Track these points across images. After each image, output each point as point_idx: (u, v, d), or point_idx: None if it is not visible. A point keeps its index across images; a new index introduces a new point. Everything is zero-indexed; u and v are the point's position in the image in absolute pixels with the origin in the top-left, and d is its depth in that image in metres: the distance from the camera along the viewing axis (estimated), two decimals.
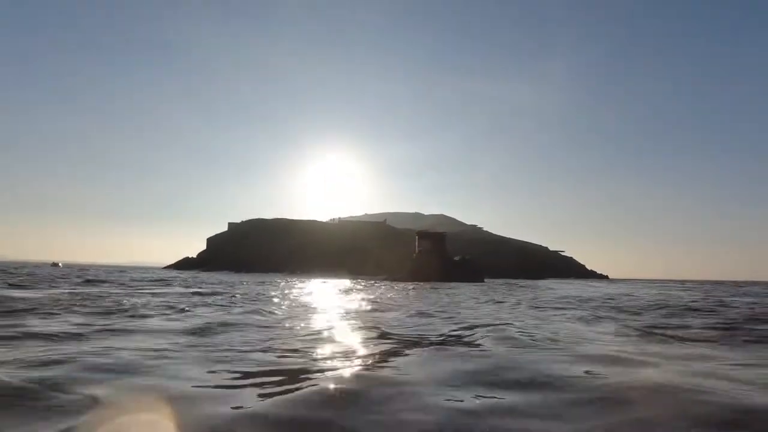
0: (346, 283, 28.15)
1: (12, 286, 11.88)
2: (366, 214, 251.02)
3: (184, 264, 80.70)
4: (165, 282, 18.65)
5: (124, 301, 7.86)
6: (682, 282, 73.85)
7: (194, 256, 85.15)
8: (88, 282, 15.66)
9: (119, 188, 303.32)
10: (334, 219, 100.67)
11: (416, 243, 57.65)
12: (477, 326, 5.49)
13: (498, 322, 5.97)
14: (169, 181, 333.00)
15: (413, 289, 20.78)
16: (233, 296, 10.59)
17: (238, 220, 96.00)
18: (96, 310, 6.47)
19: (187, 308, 7.09)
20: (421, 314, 7.20)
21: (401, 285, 29.28)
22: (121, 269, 57.82)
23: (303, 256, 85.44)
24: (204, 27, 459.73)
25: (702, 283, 72.39)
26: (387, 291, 17.14)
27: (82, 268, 51.92)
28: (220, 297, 10.12)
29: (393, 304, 9.47)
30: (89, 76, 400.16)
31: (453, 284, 34.94)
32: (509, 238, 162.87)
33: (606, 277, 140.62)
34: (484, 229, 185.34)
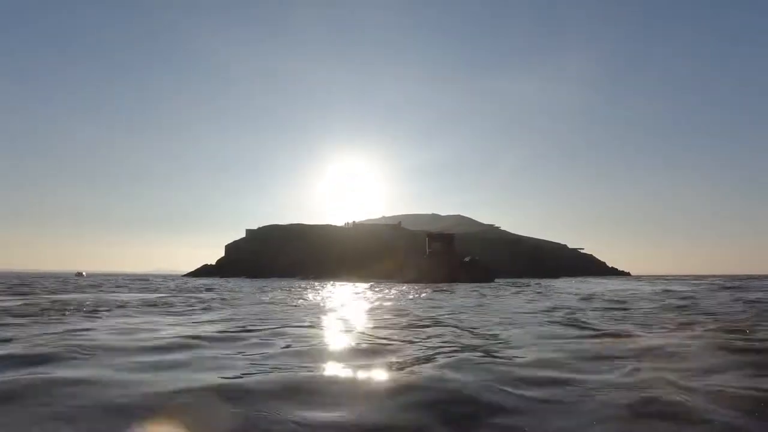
0: (360, 287, 28.72)
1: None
2: (383, 217, 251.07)
3: (203, 271, 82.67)
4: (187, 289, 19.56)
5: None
6: (703, 277, 72.01)
7: (213, 263, 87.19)
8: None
9: (140, 198, 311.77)
10: (348, 223, 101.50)
11: (427, 244, 58.20)
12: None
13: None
14: (188, 190, 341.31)
15: (416, 290, 21.29)
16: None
17: (256, 227, 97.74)
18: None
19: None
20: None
21: (411, 286, 29.76)
22: (144, 277, 59.62)
23: (318, 260, 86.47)
24: (220, 36, 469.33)
25: (734, 278, 70.49)
26: (391, 294, 17.60)
27: (106, 278, 53.95)
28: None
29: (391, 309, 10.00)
30: (110, 86, 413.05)
31: (461, 285, 35.20)
32: (527, 237, 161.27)
33: (627, 274, 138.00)
34: (502, 228, 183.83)
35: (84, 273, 73.03)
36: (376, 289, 22.46)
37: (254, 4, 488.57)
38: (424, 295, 16.84)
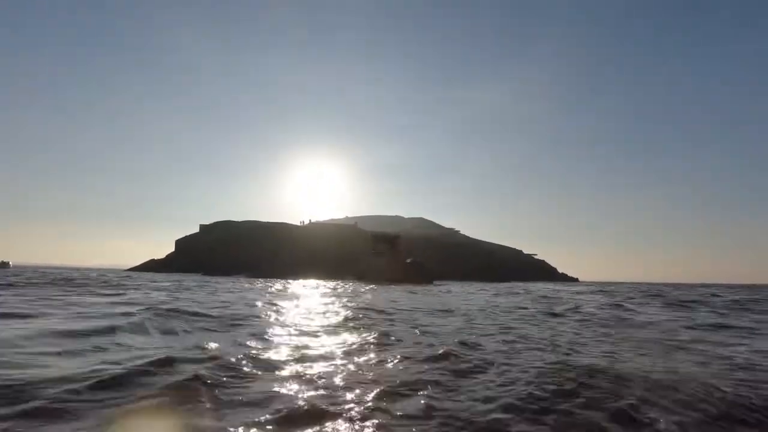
0: (301, 285, 29.30)
1: None
2: (346, 217, 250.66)
3: (149, 266, 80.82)
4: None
5: None
6: (643, 284, 76.83)
7: (161, 258, 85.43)
8: None
9: (88, 189, 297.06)
10: (303, 221, 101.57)
11: (372, 245, 59.25)
12: None
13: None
14: (142, 182, 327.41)
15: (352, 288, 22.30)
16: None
17: (210, 222, 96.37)
18: None
19: None
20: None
21: (351, 285, 30.74)
22: (78, 270, 57.71)
23: (271, 258, 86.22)
24: (187, 29, 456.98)
25: (674, 285, 75.17)
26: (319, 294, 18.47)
27: (35, 269, 52.12)
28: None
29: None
30: (64, 74, 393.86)
31: (393, 286, 36.43)
32: (483, 241, 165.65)
33: (576, 280, 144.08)
34: (461, 232, 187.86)
35: (10, 263, 68.39)
36: (313, 288, 23.35)
37: (225, 1, 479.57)
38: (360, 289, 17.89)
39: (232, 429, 2.61)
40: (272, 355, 4.66)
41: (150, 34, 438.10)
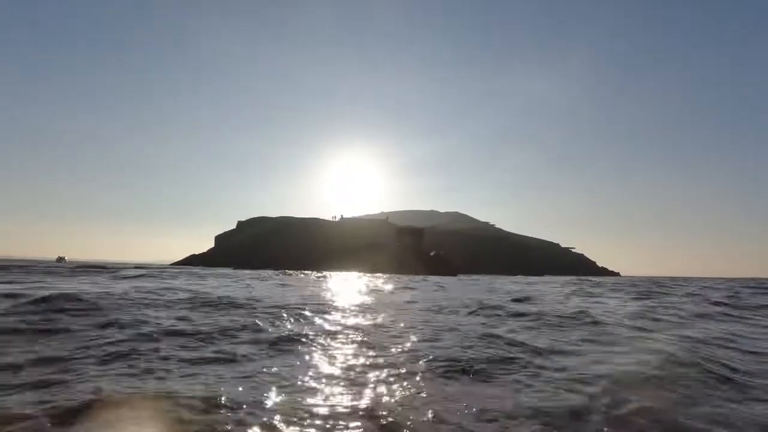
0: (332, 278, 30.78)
1: None
2: (381, 213, 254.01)
3: (190, 261, 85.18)
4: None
5: None
6: (673, 278, 73.26)
7: (200, 253, 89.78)
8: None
9: (133, 187, 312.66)
10: (335, 217, 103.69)
11: (396, 239, 60.27)
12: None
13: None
14: (184, 180, 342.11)
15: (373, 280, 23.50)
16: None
17: (246, 219, 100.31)
18: None
19: None
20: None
21: (374, 277, 31.99)
22: (124, 266, 61.60)
23: (304, 253, 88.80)
24: (222, 30, 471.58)
25: (710, 279, 71.65)
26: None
27: (93, 267, 56.34)
28: None
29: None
30: (106, 78, 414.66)
31: (418, 277, 37.24)
32: (519, 235, 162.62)
33: (617, 274, 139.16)
34: (496, 226, 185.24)
35: (66, 258, 75.08)
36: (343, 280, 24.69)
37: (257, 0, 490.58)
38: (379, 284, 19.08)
39: None
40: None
41: (182, 30, 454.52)
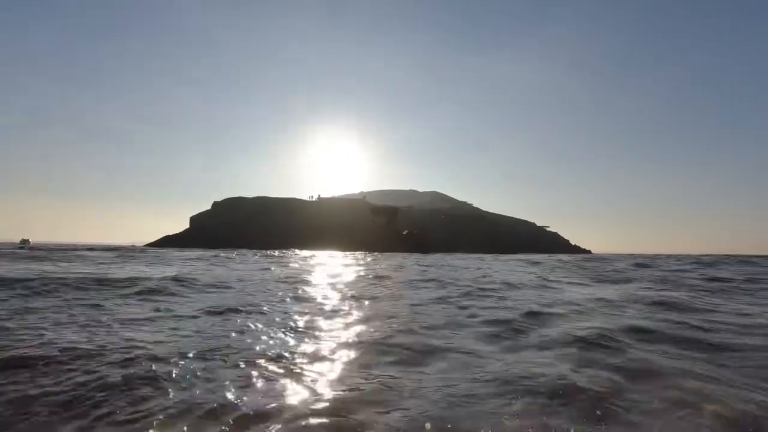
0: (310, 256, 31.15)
1: None
2: (361, 192, 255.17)
3: (163, 242, 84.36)
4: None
5: None
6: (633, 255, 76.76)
7: (175, 234, 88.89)
8: None
9: (105, 168, 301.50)
10: (312, 196, 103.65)
11: (371, 218, 61.01)
12: None
13: None
14: (160, 159, 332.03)
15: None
16: None
17: (222, 199, 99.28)
18: None
19: None
20: None
21: (349, 255, 32.67)
22: (92, 248, 60.46)
23: (281, 232, 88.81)
24: (207, 3, 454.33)
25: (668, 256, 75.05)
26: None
27: (51, 248, 55.27)
28: None
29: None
30: (71, 43, 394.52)
31: (386, 254, 38.12)
32: (496, 214, 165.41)
33: (588, 252, 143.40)
34: (473, 205, 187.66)
35: (30, 241, 72.07)
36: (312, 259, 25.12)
37: None
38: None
39: None
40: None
41: (164, 5, 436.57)
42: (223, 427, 2.32)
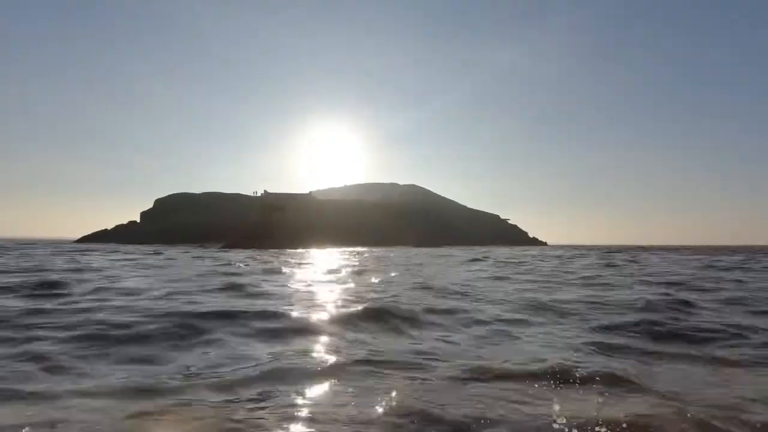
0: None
1: None
2: (345, 185, 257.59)
3: (97, 237, 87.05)
4: None
5: None
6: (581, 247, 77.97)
7: (110, 228, 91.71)
8: None
9: (29, 154, 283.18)
10: (256, 192, 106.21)
11: (259, 214, 63.14)
12: None
13: None
14: (93, 151, 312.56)
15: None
16: None
17: (166, 195, 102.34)
18: None
19: None
20: None
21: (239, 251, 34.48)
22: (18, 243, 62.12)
23: (220, 228, 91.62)
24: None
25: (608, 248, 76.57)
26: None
27: None
28: None
29: None
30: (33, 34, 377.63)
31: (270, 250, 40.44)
32: (468, 208, 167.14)
33: (544, 244, 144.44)
34: (451, 198, 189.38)
35: None
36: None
37: None
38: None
39: None
40: None
41: None
42: None
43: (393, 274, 14.83)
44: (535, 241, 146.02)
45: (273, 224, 59.72)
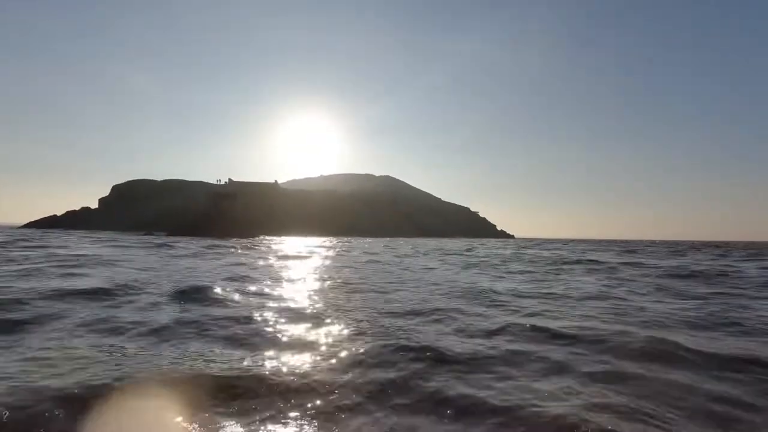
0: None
1: None
2: (321, 176, 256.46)
3: (46, 223, 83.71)
4: None
5: None
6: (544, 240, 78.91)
7: (60, 214, 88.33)
8: None
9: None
10: (219, 180, 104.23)
11: (210, 202, 62.16)
12: None
13: None
14: (62, 131, 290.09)
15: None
16: None
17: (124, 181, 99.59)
18: None
19: None
20: None
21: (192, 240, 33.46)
22: None
23: (175, 216, 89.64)
24: None
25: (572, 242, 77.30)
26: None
27: None
28: None
29: None
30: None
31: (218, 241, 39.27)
32: (441, 200, 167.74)
33: (512, 237, 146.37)
34: (421, 189, 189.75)
35: None
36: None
37: None
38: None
39: None
40: None
41: None
42: None
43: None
44: (503, 234, 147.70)
45: (219, 213, 58.52)
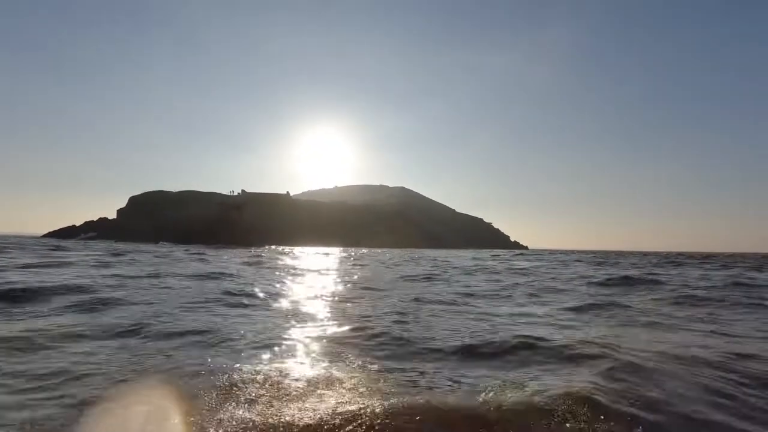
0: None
1: None
2: (336, 187, 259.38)
3: (65, 233, 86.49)
4: None
5: None
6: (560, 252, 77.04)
7: (79, 224, 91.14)
8: None
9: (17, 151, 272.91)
10: (233, 191, 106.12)
11: (220, 211, 63.51)
12: None
13: None
14: (128, 149, 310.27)
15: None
16: None
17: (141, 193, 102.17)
18: None
19: None
20: None
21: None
22: None
23: (188, 226, 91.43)
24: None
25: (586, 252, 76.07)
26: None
27: None
28: None
29: None
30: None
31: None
32: (456, 211, 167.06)
33: (525, 248, 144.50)
34: (435, 200, 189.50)
35: None
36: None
37: None
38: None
39: None
40: None
41: None
42: None
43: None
44: (516, 245, 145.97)
45: (226, 222, 59.63)
